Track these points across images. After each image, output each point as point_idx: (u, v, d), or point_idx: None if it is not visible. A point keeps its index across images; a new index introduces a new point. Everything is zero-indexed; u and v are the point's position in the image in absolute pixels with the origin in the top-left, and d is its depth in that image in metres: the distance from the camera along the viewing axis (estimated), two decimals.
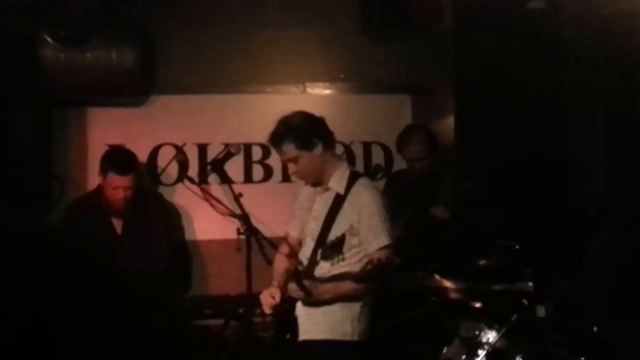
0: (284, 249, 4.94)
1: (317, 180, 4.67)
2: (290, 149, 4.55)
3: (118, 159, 5.85)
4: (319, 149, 4.55)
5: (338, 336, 4.56)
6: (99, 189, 5.92)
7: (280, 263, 4.84)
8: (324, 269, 4.55)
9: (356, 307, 4.57)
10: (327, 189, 4.63)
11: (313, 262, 4.58)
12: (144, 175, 6.40)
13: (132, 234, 5.95)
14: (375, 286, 4.45)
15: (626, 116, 6.80)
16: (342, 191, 4.57)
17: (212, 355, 5.30)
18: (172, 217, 6.40)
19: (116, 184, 5.75)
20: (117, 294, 1.02)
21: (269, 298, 4.65)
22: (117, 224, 5.98)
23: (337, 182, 4.60)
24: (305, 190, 4.85)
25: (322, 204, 4.65)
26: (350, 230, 4.50)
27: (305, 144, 4.53)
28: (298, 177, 4.78)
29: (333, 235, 4.50)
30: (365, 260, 4.41)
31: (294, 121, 4.58)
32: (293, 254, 4.78)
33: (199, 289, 6.50)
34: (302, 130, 4.54)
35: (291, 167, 4.66)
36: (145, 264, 5.63)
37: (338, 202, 4.58)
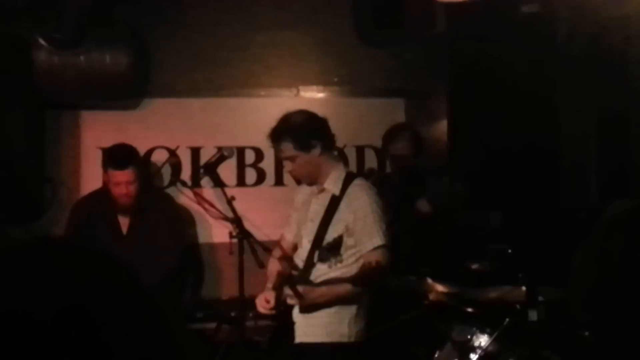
0: (278, 252, 4.94)
1: (313, 181, 4.68)
2: (288, 148, 4.57)
3: (115, 153, 5.82)
4: (317, 151, 4.56)
5: (334, 338, 4.56)
6: (105, 187, 5.90)
7: (274, 266, 4.84)
8: (320, 271, 4.55)
9: (352, 309, 4.57)
10: (323, 190, 4.65)
11: (309, 264, 4.59)
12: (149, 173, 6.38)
13: (138, 234, 5.93)
14: (371, 289, 4.46)
15: (619, 120, 6.80)
16: (337, 192, 4.59)
17: (204, 358, 5.30)
18: (180, 220, 6.34)
19: (116, 179, 5.73)
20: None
21: (264, 302, 4.66)
22: (124, 223, 5.96)
23: (332, 183, 4.61)
24: (301, 193, 4.86)
25: (318, 205, 4.67)
26: (346, 231, 4.51)
27: (304, 145, 4.54)
28: (294, 176, 4.82)
29: (330, 236, 4.52)
30: (361, 261, 4.43)
31: (294, 121, 4.59)
32: (287, 258, 4.79)
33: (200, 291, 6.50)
34: (301, 131, 4.55)
35: (288, 166, 4.68)
36: (150, 265, 5.62)
37: (334, 203, 4.59)
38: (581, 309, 1.50)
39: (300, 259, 4.69)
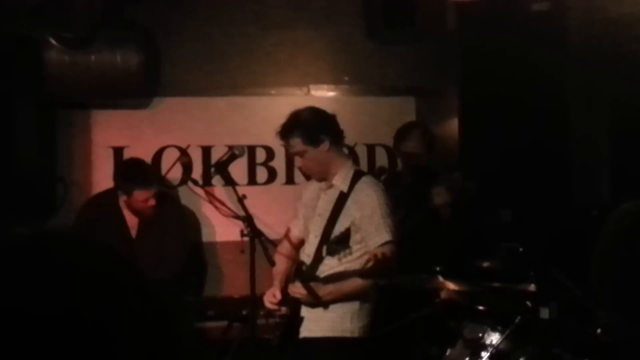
0: (284, 247, 4.97)
1: (323, 176, 4.74)
2: (297, 143, 4.63)
3: (140, 174, 5.78)
4: (325, 146, 4.61)
5: (338, 333, 4.60)
6: (113, 191, 5.86)
7: (280, 261, 4.86)
8: (328, 265, 4.57)
9: (356, 304, 4.62)
10: (331, 186, 4.68)
11: (317, 259, 4.61)
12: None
13: (147, 238, 5.91)
14: (377, 283, 4.47)
15: (631, 118, 6.78)
16: (345, 189, 4.63)
17: (215, 357, 5.30)
18: (187, 222, 6.35)
19: (145, 197, 5.71)
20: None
21: (271, 297, 4.69)
22: (132, 226, 5.95)
23: (341, 180, 4.66)
24: (310, 189, 4.90)
25: (326, 201, 4.71)
26: (353, 227, 4.53)
27: (312, 140, 4.59)
28: (304, 171, 4.88)
29: (337, 231, 4.54)
30: (366, 257, 4.45)
31: (303, 116, 4.66)
32: (293, 253, 4.83)
33: (203, 291, 6.51)
34: (310, 126, 4.62)
35: (297, 161, 4.74)
36: (159, 268, 5.63)
37: (341, 199, 4.63)
38: (600, 298, 1.49)
39: (307, 254, 4.72)
